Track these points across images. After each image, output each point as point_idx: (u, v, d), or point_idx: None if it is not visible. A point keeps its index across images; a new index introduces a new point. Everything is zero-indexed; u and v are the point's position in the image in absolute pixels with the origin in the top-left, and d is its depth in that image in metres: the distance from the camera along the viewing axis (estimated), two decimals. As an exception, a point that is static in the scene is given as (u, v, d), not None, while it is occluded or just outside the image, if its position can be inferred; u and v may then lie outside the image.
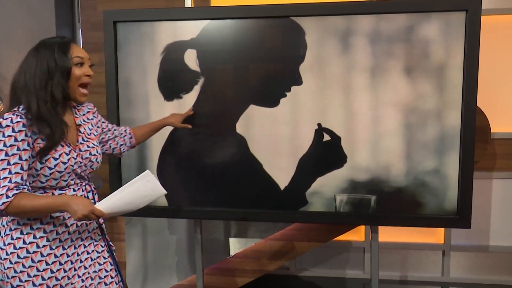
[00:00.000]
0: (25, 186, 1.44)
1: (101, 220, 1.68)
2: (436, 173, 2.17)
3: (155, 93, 2.30)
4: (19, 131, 1.43)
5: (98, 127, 1.78)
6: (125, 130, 1.93)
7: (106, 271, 1.68)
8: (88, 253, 1.63)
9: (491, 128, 2.68)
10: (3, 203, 1.39)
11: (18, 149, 1.43)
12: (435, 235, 3.07)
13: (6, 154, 1.42)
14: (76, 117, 1.64)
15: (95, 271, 1.64)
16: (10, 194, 1.40)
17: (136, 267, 3.02)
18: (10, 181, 1.41)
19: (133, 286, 2.99)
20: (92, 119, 1.74)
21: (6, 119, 1.43)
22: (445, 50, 2.09)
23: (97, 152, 1.65)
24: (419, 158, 2.16)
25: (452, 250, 3.05)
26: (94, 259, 1.65)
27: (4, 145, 1.42)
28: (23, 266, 1.49)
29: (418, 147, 2.15)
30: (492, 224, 2.99)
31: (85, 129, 1.66)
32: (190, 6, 2.45)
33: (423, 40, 2.09)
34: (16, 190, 1.41)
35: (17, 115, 1.44)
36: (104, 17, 2.28)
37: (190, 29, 2.23)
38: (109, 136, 1.85)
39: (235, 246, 3.19)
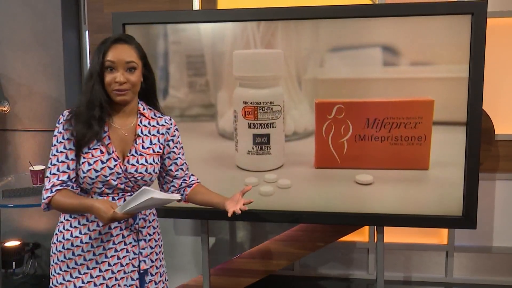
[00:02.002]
0: (70, 184, 1.46)
1: (141, 236, 1.56)
2: (442, 174, 2.19)
3: (163, 94, 2.32)
4: (66, 129, 1.45)
5: (167, 145, 1.60)
6: (192, 180, 1.70)
7: (132, 279, 1.55)
8: (118, 258, 1.52)
9: (495, 130, 2.70)
10: (46, 197, 1.43)
11: (65, 147, 1.45)
12: (439, 236, 3.09)
13: (57, 151, 1.45)
14: (139, 125, 1.53)
15: (122, 278, 1.54)
16: (54, 190, 1.43)
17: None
18: (57, 178, 1.44)
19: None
20: (163, 133, 1.58)
21: (63, 115, 1.48)
22: (450, 52, 2.11)
23: (146, 170, 1.50)
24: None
25: (456, 251, 3.06)
26: (124, 265, 1.53)
27: (57, 140, 1.46)
28: (64, 256, 1.50)
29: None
30: (495, 225, 3.01)
31: (143, 142, 1.52)
32: (197, 8, 2.46)
33: (429, 43, 2.12)
34: (60, 186, 1.44)
35: (70, 113, 1.47)
36: (113, 19, 2.30)
37: (197, 31, 2.26)
38: (165, 166, 1.64)
39: (241, 246, 3.21)
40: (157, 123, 1.58)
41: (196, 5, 2.46)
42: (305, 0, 2.56)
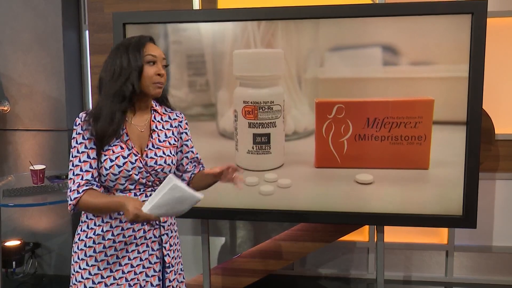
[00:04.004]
0: (94, 183, 1.47)
1: (164, 230, 1.58)
2: (442, 174, 2.19)
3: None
4: (86, 129, 1.47)
5: (180, 138, 1.65)
6: (200, 166, 1.74)
7: (152, 285, 1.56)
8: (141, 259, 1.54)
9: (495, 129, 2.70)
10: (74, 198, 1.44)
11: (86, 147, 1.47)
12: (439, 236, 3.09)
13: (78, 152, 1.47)
14: (153, 121, 1.57)
15: (143, 280, 1.55)
16: (80, 190, 1.44)
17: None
18: (82, 178, 1.45)
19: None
20: (176, 127, 1.63)
21: (80, 117, 1.49)
22: (450, 52, 2.12)
23: (165, 162, 1.54)
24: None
25: (456, 250, 3.07)
26: (145, 267, 1.55)
27: (76, 142, 1.47)
28: (85, 254, 1.52)
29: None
30: (495, 225, 3.01)
31: (158, 136, 1.57)
32: (198, 8, 2.47)
33: (429, 42, 2.12)
34: (86, 186, 1.45)
35: (87, 114, 1.48)
36: (113, 19, 2.30)
37: (197, 31, 2.26)
38: (177, 159, 1.66)
39: (241, 246, 3.21)
40: (169, 118, 1.63)
41: (196, 5, 2.46)
42: (305, -1, 2.57)
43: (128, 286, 1.53)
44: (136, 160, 1.49)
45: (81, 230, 1.56)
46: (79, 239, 1.55)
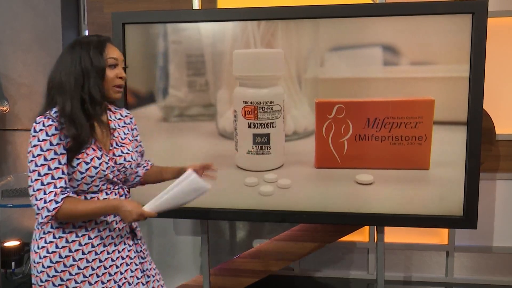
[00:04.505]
0: (69, 190, 1.43)
1: (133, 225, 1.63)
2: (442, 174, 2.18)
3: (163, 94, 2.32)
4: (53, 134, 1.40)
5: (133, 134, 1.69)
6: (146, 165, 1.78)
7: (137, 278, 1.60)
8: (122, 258, 1.56)
9: (495, 130, 2.70)
10: (53, 209, 1.38)
11: (56, 153, 1.40)
12: (439, 236, 3.09)
13: (45, 159, 1.39)
14: (110, 120, 1.58)
15: (130, 277, 1.58)
16: (59, 199, 1.39)
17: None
18: (55, 186, 1.39)
19: (139, 287, 3.00)
20: (129, 123, 1.67)
21: (39, 123, 1.41)
22: (451, 52, 2.11)
23: (132, 158, 1.58)
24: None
25: (456, 251, 3.06)
26: (128, 264, 1.58)
27: (41, 149, 1.39)
28: (55, 270, 1.46)
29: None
30: (496, 225, 3.01)
31: (119, 134, 1.59)
32: (197, 8, 2.46)
33: (430, 42, 2.11)
34: (62, 194, 1.40)
35: (48, 118, 1.41)
36: (112, 18, 2.30)
37: (197, 31, 2.26)
38: None
39: (241, 246, 3.21)
40: (121, 115, 1.66)
41: (196, 5, 2.46)
42: (305, -1, 2.56)
43: (118, 287, 1.53)
44: (109, 160, 1.51)
45: (46, 243, 1.47)
46: (48, 253, 1.46)
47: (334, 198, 2.27)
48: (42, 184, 1.39)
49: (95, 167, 1.46)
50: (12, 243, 3.11)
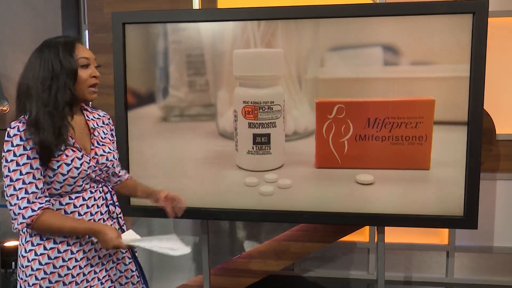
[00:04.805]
0: (41, 195, 1.41)
1: (122, 222, 1.65)
2: (442, 174, 2.18)
3: (163, 94, 2.32)
4: (27, 139, 1.38)
5: (111, 135, 1.69)
6: (125, 172, 1.78)
7: (127, 277, 1.64)
8: (110, 255, 1.58)
9: (496, 130, 2.70)
10: (29, 217, 1.37)
11: (28, 157, 1.38)
12: (439, 236, 3.09)
13: (17, 164, 1.38)
14: (88, 120, 1.58)
15: (115, 275, 1.60)
16: (36, 208, 1.38)
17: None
18: (26, 192, 1.38)
19: (139, 287, 3.00)
20: (107, 124, 1.67)
21: (14, 127, 1.39)
22: (451, 52, 2.11)
23: (114, 157, 1.60)
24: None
25: (456, 251, 3.06)
26: (115, 261, 1.60)
27: (14, 155, 1.38)
28: (45, 272, 1.45)
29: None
30: (496, 225, 3.01)
31: (99, 133, 1.59)
32: (197, 8, 2.46)
33: (430, 42, 2.11)
34: (36, 199, 1.38)
35: (23, 123, 1.40)
36: (113, 18, 2.29)
37: (197, 31, 2.25)
38: None
39: (241, 246, 3.21)
40: (99, 115, 1.65)
41: (196, 5, 2.46)
42: (306, -1, 2.56)
43: (110, 282, 1.58)
44: (90, 160, 1.50)
45: (33, 245, 1.47)
46: (36, 255, 1.46)
47: (334, 198, 2.27)
48: (15, 189, 1.38)
49: (77, 168, 1.45)
50: (12, 243, 3.11)
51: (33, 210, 1.37)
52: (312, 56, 2.20)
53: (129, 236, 1.46)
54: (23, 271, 1.48)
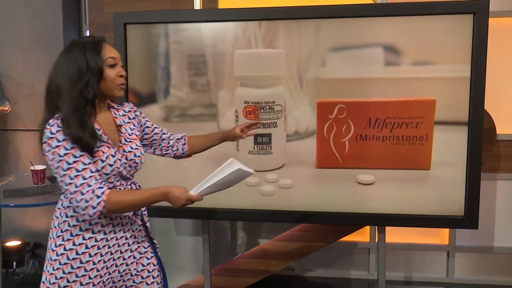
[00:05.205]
0: (104, 182, 1.45)
1: (146, 218, 1.68)
2: (443, 174, 2.18)
3: (164, 94, 2.32)
4: (64, 139, 1.41)
5: (141, 126, 1.73)
6: (181, 137, 1.86)
7: (148, 271, 1.66)
8: (131, 251, 1.61)
9: (496, 130, 2.70)
10: (97, 203, 1.39)
11: (75, 156, 1.41)
12: (440, 236, 3.09)
13: (69, 163, 1.40)
14: (115, 117, 1.60)
15: (136, 270, 1.63)
16: (99, 193, 1.40)
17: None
18: (89, 186, 1.40)
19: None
20: (134, 118, 1.69)
21: (53, 125, 1.42)
22: (452, 52, 2.11)
23: (141, 153, 1.62)
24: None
25: (457, 251, 3.06)
26: (138, 258, 1.64)
27: (66, 148, 1.40)
28: (72, 267, 1.49)
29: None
30: (496, 225, 3.01)
31: (126, 130, 1.61)
32: (199, 8, 2.46)
33: (431, 42, 2.12)
34: (100, 188, 1.41)
35: (60, 122, 1.42)
36: (114, 18, 2.30)
37: (198, 31, 2.26)
38: (154, 139, 1.79)
39: (242, 246, 3.21)
40: (124, 111, 1.67)
41: (197, 5, 2.46)
42: (307, -1, 2.56)
43: (130, 275, 1.62)
44: (121, 156, 1.53)
45: (63, 240, 1.51)
46: (65, 250, 1.50)
47: (335, 198, 2.27)
48: (76, 186, 1.40)
49: (110, 165, 1.49)
50: (13, 243, 3.12)
51: (98, 197, 1.40)
52: (313, 56, 2.20)
53: (193, 188, 1.49)
54: (50, 264, 1.52)
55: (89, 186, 1.40)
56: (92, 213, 1.40)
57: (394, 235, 3.06)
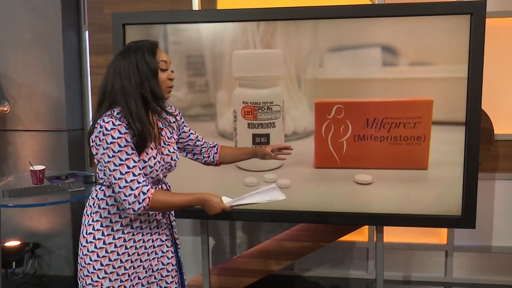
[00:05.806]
0: (148, 181, 1.53)
1: (172, 217, 1.73)
2: (441, 174, 2.19)
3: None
4: (125, 133, 1.47)
5: (178, 130, 1.77)
6: (214, 145, 1.89)
7: (168, 271, 1.70)
8: (154, 247, 1.66)
9: (494, 130, 2.71)
10: (143, 200, 1.46)
11: (127, 153, 1.47)
12: (438, 236, 3.09)
13: (122, 159, 1.46)
14: (158, 120, 1.65)
15: (157, 267, 1.68)
16: (145, 190, 1.47)
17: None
18: (138, 182, 1.47)
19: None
20: (174, 122, 1.73)
21: (108, 122, 1.46)
22: (450, 52, 2.12)
23: (177, 157, 1.68)
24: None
25: (455, 250, 3.07)
26: (159, 256, 1.68)
27: (120, 146, 1.46)
28: (97, 255, 1.55)
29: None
30: (495, 225, 3.01)
31: (166, 133, 1.67)
32: (197, 9, 2.47)
33: (428, 43, 2.12)
34: (146, 186, 1.48)
35: (116, 119, 1.47)
36: (113, 19, 2.30)
37: (197, 32, 2.26)
38: (188, 144, 1.83)
39: (241, 246, 3.22)
40: (166, 115, 1.69)
41: (196, 6, 2.47)
42: (305, 0, 2.57)
43: (152, 271, 1.67)
44: (161, 159, 1.60)
45: (86, 233, 1.58)
46: (86, 242, 1.57)
47: (333, 198, 2.28)
48: (126, 181, 1.46)
49: (151, 166, 1.55)
50: (12, 243, 3.12)
51: (144, 194, 1.47)
52: (311, 57, 2.21)
53: (227, 200, 1.55)
54: (80, 249, 1.60)
55: (139, 183, 1.46)
56: (137, 208, 1.46)
57: (393, 235, 3.07)
